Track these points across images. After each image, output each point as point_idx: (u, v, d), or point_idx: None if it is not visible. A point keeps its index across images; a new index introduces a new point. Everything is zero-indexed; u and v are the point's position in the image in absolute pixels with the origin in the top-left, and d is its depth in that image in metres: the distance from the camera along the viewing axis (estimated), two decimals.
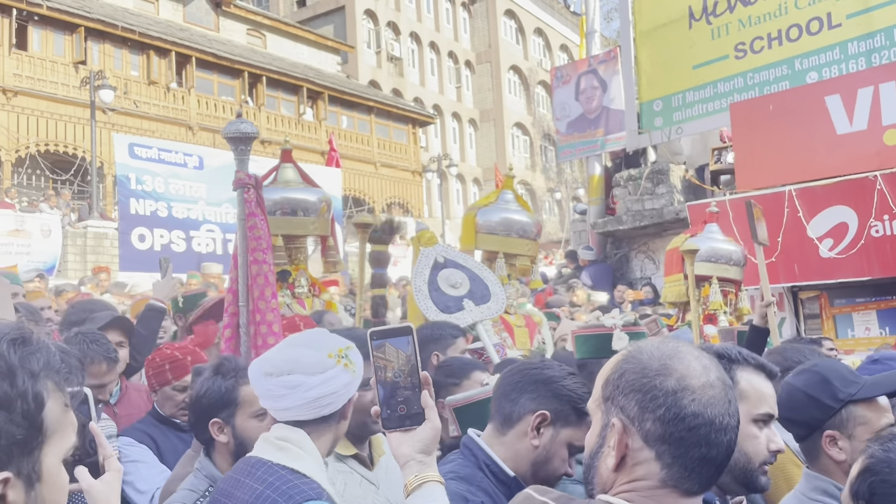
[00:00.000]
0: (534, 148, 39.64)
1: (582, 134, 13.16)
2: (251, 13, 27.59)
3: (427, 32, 36.19)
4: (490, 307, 4.41)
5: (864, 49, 9.44)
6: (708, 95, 10.86)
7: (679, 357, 1.14)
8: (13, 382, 0.80)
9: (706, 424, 1.08)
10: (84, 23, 20.37)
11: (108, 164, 19.65)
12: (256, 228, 2.71)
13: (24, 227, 16.25)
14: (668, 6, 11.27)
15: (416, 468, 1.35)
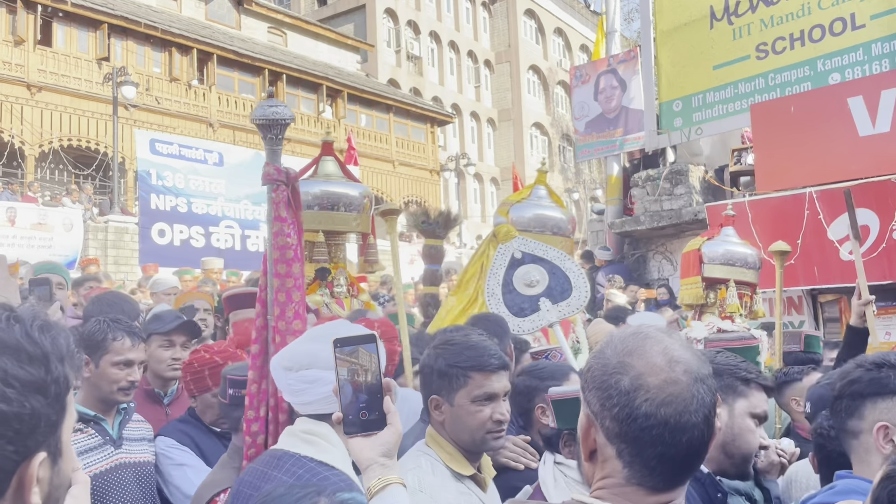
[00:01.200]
0: (552, 148, 39.54)
1: (600, 134, 13.11)
2: (272, 11, 27.75)
3: (447, 32, 36.21)
4: (571, 303, 4.13)
5: (888, 50, 9.35)
6: (728, 96, 10.80)
7: (641, 353, 1.12)
8: (48, 368, 0.82)
9: (659, 425, 1.06)
10: (108, 19, 20.58)
11: (129, 159, 19.86)
12: (282, 235, 2.31)
13: (47, 221, 16.43)
14: (690, 6, 11.21)
15: (379, 471, 1.35)
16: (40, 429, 0.82)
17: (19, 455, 0.80)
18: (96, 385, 2.43)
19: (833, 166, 8.33)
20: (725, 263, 5.61)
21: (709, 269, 5.58)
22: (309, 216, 4.47)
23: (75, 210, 17.50)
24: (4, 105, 18.65)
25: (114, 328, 2.44)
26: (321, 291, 4.59)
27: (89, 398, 2.44)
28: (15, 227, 15.47)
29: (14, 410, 0.78)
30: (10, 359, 0.80)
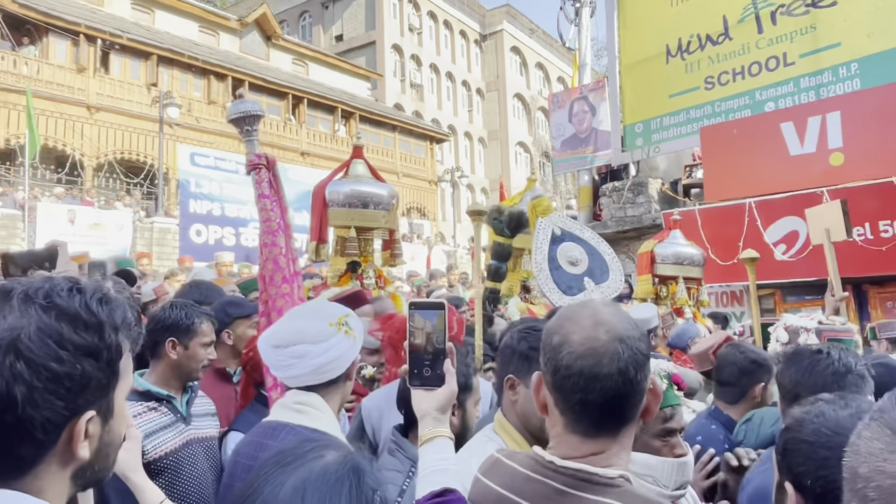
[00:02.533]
0: (533, 163, 39.55)
1: (574, 151, 13.19)
2: (297, 45, 27.76)
3: (444, 64, 36.22)
4: (610, 285, 3.73)
5: (813, 84, 9.38)
6: (681, 120, 10.82)
7: (574, 317, 1.13)
8: (102, 335, 0.80)
9: (577, 374, 1.06)
10: (156, 51, 20.61)
11: (172, 169, 19.87)
12: (266, 210, 2.28)
13: (102, 222, 16.47)
14: (649, 44, 11.24)
15: (432, 423, 1.32)
16: (90, 389, 0.80)
17: (69, 411, 0.78)
18: (183, 364, 2.24)
19: (768, 180, 8.38)
20: (675, 263, 5.59)
21: (661, 268, 5.56)
22: (342, 213, 4.42)
23: (126, 213, 17.52)
24: (67, 123, 18.67)
25: (199, 313, 2.31)
26: (352, 283, 4.35)
27: (163, 378, 2.23)
28: (74, 227, 15.49)
29: (66, 370, 0.76)
30: (67, 325, 0.78)
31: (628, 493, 1.05)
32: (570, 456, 1.09)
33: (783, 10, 9.75)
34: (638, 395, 1.10)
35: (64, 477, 0.81)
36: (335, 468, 0.90)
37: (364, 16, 33.17)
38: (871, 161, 7.77)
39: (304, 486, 0.86)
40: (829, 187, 7.90)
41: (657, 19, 11.17)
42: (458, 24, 37.44)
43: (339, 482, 0.87)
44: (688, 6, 10.87)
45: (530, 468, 1.12)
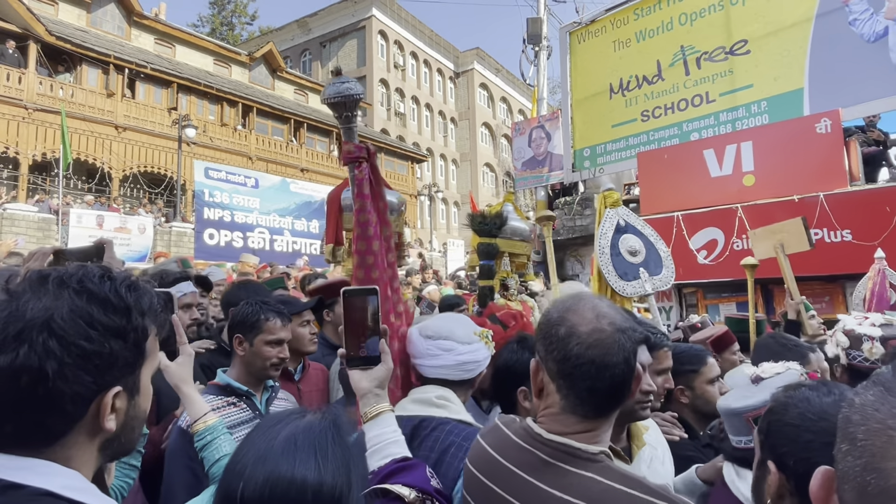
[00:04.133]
0: (498, 181, 39.73)
1: (532, 171, 13.25)
2: (298, 77, 27.47)
3: (424, 96, 36.17)
4: (662, 279, 3.43)
5: (730, 118, 9.54)
6: (622, 146, 10.94)
7: (575, 309, 1.06)
8: (129, 318, 0.77)
9: (588, 363, 1.00)
10: (176, 80, 20.22)
11: (189, 181, 19.51)
12: (364, 212, 1.72)
13: (126, 226, 16.11)
14: (595, 83, 11.35)
15: (374, 400, 1.24)
16: (117, 367, 0.76)
17: (97, 386, 0.74)
18: (250, 362, 1.95)
19: (692, 197, 8.48)
20: None
21: None
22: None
23: (148, 218, 17.13)
24: (98, 140, 18.21)
25: (265, 310, 2.00)
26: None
27: (242, 374, 1.97)
28: (102, 230, 15.11)
29: (95, 348, 0.73)
30: (97, 307, 0.74)
31: (608, 468, 1.00)
32: (561, 432, 1.04)
33: (706, 57, 9.92)
34: (634, 380, 1.05)
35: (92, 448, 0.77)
36: (318, 423, 0.87)
37: (356, 54, 33.00)
38: (777, 182, 7.91)
39: (295, 437, 0.84)
40: (742, 204, 8.04)
41: (602, 62, 11.28)
42: (435, 63, 37.43)
43: (324, 433, 0.86)
44: (628, 52, 11.00)
45: (521, 438, 1.07)
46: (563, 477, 1.00)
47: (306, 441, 0.83)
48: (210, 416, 1.41)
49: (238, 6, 40.42)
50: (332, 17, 33.47)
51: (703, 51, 9.93)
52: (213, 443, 1.36)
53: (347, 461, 0.84)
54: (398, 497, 1.08)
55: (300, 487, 0.79)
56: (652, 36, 10.63)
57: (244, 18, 40.85)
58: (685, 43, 10.15)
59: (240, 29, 40.60)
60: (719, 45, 9.74)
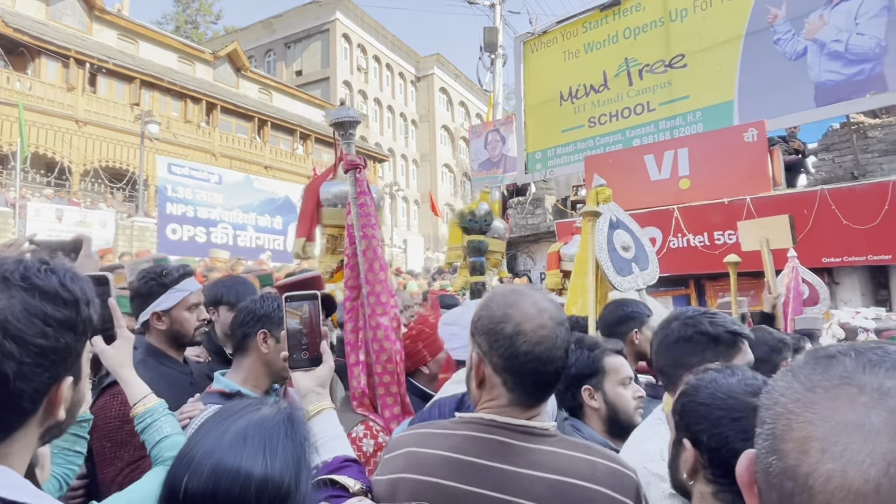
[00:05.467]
0: (456, 181, 39.83)
1: (488, 172, 13.35)
2: (262, 77, 26.79)
3: (386, 99, 35.89)
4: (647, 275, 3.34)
5: (669, 126, 9.83)
6: (571, 150, 11.11)
7: (518, 306, 1.04)
8: (78, 310, 0.73)
9: (535, 360, 1.00)
10: (139, 76, 19.40)
11: (151, 177, 18.77)
12: (367, 206, 1.96)
13: (87, 220, 15.34)
14: (546, 91, 11.50)
15: (315, 399, 1.22)
16: (70, 358, 0.74)
17: (52, 379, 0.72)
18: (273, 360, 1.67)
19: (634, 199, 8.63)
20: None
21: (565, 265, 5.44)
22: (335, 213, 3.84)
23: (109, 212, 16.38)
24: (57, 134, 17.30)
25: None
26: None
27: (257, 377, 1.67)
28: (62, 223, 14.36)
29: (51, 344, 0.70)
30: (49, 303, 0.70)
31: (564, 440, 1.03)
32: (502, 412, 1.04)
33: (647, 69, 10.19)
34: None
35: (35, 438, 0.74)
36: (271, 417, 0.84)
37: (320, 56, 32.44)
38: (710, 186, 8.20)
39: (245, 431, 0.81)
40: (678, 205, 8.30)
41: (553, 71, 11.44)
42: (397, 66, 37.17)
43: (276, 427, 0.83)
44: (577, 62, 11.18)
45: (470, 430, 1.04)
46: (526, 455, 0.99)
47: (256, 435, 0.81)
48: (150, 398, 1.35)
49: (203, 5, 39.09)
50: (297, 19, 32.78)
51: (644, 63, 10.19)
52: (153, 425, 1.31)
53: (298, 456, 0.82)
54: (344, 488, 1.06)
55: (245, 481, 0.76)
56: (599, 48, 10.84)
57: (209, 17, 39.56)
58: (629, 55, 10.39)
59: (204, 27, 39.31)
60: (659, 58, 10.01)
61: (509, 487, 0.97)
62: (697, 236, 8.10)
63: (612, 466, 1.00)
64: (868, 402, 0.42)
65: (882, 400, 0.42)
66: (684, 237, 8.13)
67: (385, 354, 1.79)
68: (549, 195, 11.90)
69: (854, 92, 8.00)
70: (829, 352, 0.48)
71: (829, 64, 8.29)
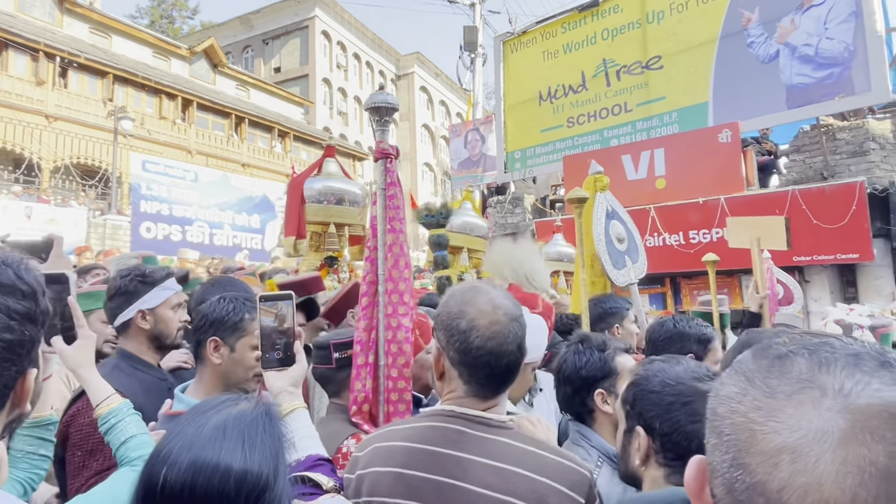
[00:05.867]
0: (436, 180, 39.81)
1: (468, 171, 13.37)
2: (240, 73, 26.41)
3: (365, 97, 35.42)
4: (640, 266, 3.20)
5: (645, 126, 9.97)
6: (550, 150, 11.20)
7: (473, 302, 1.07)
8: (37, 301, 0.73)
9: (487, 354, 1.04)
10: (112, 71, 18.96)
11: (125, 174, 18.36)
12: (396, 198, 1.84)
13: (56, 218, 14.92)
14: (526, 90, 11.57)
15: (288, 398, 1.23)
16: (34, 350, 0.73)
17: (18, 373, 0.71)
18: (229, 372, 1.49)
19: None
20: (557, 259, 5.47)
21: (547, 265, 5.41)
22: (320, 209, 3.76)
23: (80, 210, 15.98)
24: (26, 129, 16.82)
25: (251, 308, 1.53)
26: (330, 277, 3.72)
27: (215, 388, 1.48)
28: (31, 221, 13.97)
29: (17, 338, 0.70)
30: (9, 296, 0.70)
31: (518, 433, 1.06)
32: (462, 403, 1.08)
33: (625, 70, 10.31)
34: (522, 360, 1.10)
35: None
36: (250, 411, 0.84)
37: (299, 53, 32.10)
38: (685, 186, 8.33)
39: (225, 425, 0.80)
40: (654, 205, 8.41)
41: (532, 71, 11.50)
42: (377, 64, 36.99)
43: (255, 421, 0.82)
44: (556, 63, 11.27)
45: (429, 420, 1.09)
46: (480, 443, 1.03)
47: (236, 429, 0.80)
48: (114, 398, 1.31)
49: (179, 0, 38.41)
50: (275, 16, 32.40)
51: (622, 64, 10.31)
52: (117, 425, 1.27)
53: (276, 451, 0.82)
54: (317, 485, 1.07)
55: (224, 474, 0.76)
56: (577, 49, 10.93)
57: (185, 12, 38.85)
58: (607, 56, 10.50)
59: (180, 23, 38.58)
60: (636, 59, 10.14)
61: (462, 474, 1.01)
62: (673, 235, 8.21)
63: (563, 462, 1.02)
64: (832, 405, 0.40)
65: (845, 402, 0.40)
66: (660, 236, 8.24)
67: (403, 358, 1.67)
68: (529, 194, 11.96)
69: (824, 95, 8.21)
70: (777, 350, 0.45)
71: (800, 67, 8.48)
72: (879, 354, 0.43)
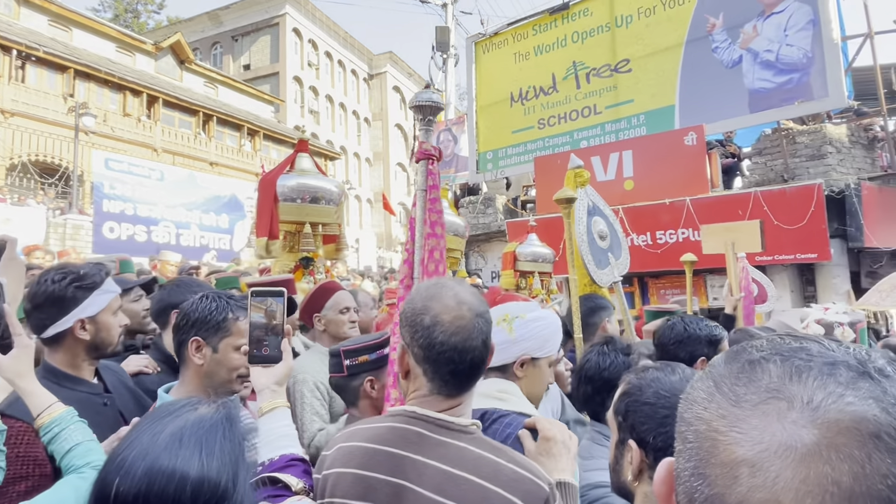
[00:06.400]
0: (409, 180, 39.71)
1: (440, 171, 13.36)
2: (208, 70, 25.86)
3: (338, 96, 35.37)
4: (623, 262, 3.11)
5: (614, 129, 10.12)
6: (521, 151, 11.27)
7: (438, 297, 1.06)
8: None
9: (451, 349, 1.02)
10: (73, 65, 18.31)
11: (87, 172, 17.76)
12: (438, 202, 1.77)
13: (13, 218, 14.34)
14: (497, 92, 11.62)
15: (270, 395, 1.20)
16: None
17: None
18: (212, 373, 1.43)
19: None
20: (532, 260, 5.47)
21: (521, 265, 5.41)
22: (294, 208, 3.57)
23: (39, 209, 15.41)
24: None
25: (234, 307, 1.47)
26: (306, 279, 3.55)
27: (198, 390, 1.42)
28: None
29: None
30: None
31: (479, 439, 1.04)
32: (425, 405, 1.06)
33: (594, 73, 10.45)
34: (489, 357, 1.08)
35: None
36: (209, 416, 0.81)
37: (269, 50, 31.61)
38: (652, 187, 8.48)
39: (182, 432, 0.78)
40: (623, 206, 8.53)
41: (504, 73, 11.57)
42: (349, 63, 36.70)
43: (214, 427, 0.80)
44: (527, 64, 11.35)
45: (392, 421, 1.07)
46: (438, 447, 1.01)
47: (193, 435, 0.78)
48: (56, 407, 1.26)
49: None
50: (245, 12, 31.83)
51: (592, 67, 10.44)
52: (60, 434, 1.23)
53: (236, 457, 0.79)
54: (286, 486, 1.05)
55: (180, 482, 0.74)
56: (548, 51, 11.04)
57: (151, 6, 37.82)
58: (577, 59, 10.63)
59: (146, 17, 37.55)
60: (606, 62, 10.28)
61: (417, 478, 0.99)
62: (641, 236, 8.35)
63: (519, 472, 0.98)
64: (798, 418, 0.38)
65: (813, 415, 0.37)
66: (628, 237, 8.32)
67: None
68: (500, 195, 12.02)
69: (784, 99, 8.46)
70: (750, 355, 0.43)
71: (762, 72, 8.73)
72: (860, 364, 0.40)
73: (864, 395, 0.37)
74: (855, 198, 7.33)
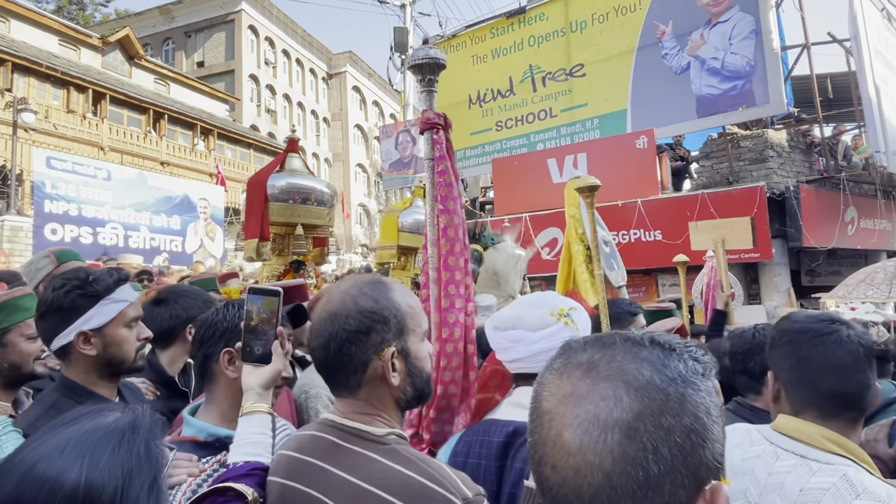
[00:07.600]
0: (369, 181, 39.39)
1: (399, 172, 13.29)
2: (159, 66, 24.99)
3: (296, 95, 34.78)
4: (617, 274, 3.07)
5: (569, 132, 10.31)
6: (479, 153, 11.35)
7: (343, 290, 1.05)
8: None
9: (313, 350, 1.04)
10: (11, 59, 17.38)
11: (27, 171, 16.90)
12: (447, 174, 1.59)
13: None
14: (456, 93, 11.65)
15: (255, 398, 1.16)
16: None
17: None
18: None
19: (537, 201, 9.01)
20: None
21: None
22: (287, 209, 3.45)
23: None
24: None
25: None
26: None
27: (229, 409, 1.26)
28: None
29: None
30: None
31: (394, 451, 0.97)
32: (343, 414, 1.03)
33: (550, 77, 10.61)
34: (352, 365, 1.00)
35: None
36: (107, 424, 0.76)
37: (224, 47, 30.80)
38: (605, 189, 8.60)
39: (67, 441, 0.73)
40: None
41: (463, 75, 11.61)
42: (308, 62, 36.15)
43: (108, 436, 0.74)
44: (485, 67, 11.43)
45: (316, 429, 1.05)
46: (349, 458, 0.98)
47: (81, 444, 0.74)
48: None
49: None
50: (199, 7, 30.91)
51: (547, 71, 10.61)
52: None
53: (130, 468, 0.74)
54: (240, 495, 1.01)
55: (52, 490, 0.70)
56: (505, 54, 11.15)
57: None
58: (533, 63, 10.77)
59: (92, 10, 35.96)
60: (561, 66, 10.46)
61: (327, 489, 0.96)
62: None
63: (430, 487, 0.91)
64: (580, 374, 0.51)
65: (588, 371, 0.51)
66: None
67: (457, 359, 1.47)
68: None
69: (729, 105, 8.80)
70: (575, 343, 0.56)
71: (709, 79, 9.06)
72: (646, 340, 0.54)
73: (617, 355, 0.54)
74: (794, 200, 7.69)
